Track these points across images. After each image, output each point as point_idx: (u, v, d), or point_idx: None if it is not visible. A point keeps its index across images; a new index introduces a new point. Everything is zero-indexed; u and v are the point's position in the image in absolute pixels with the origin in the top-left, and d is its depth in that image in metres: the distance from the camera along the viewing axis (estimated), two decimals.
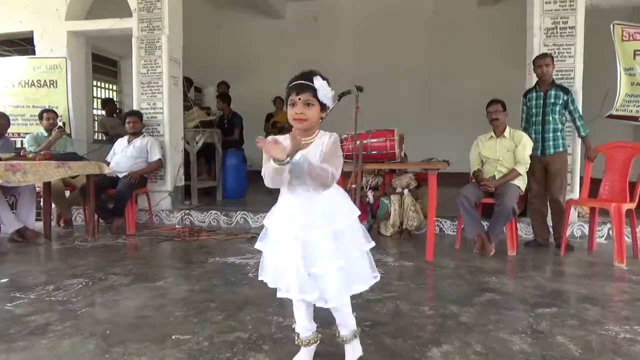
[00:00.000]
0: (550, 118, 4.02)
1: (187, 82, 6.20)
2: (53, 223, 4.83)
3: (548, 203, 4.09)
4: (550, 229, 4.14)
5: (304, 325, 1.81)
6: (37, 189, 4.68)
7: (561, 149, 4.04)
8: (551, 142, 4.01)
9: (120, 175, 4.91)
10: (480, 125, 4.38)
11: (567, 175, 4.20)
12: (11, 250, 4.03)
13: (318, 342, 1.85)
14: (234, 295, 2.71)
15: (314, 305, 1.75)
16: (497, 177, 3.92)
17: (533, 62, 4.21)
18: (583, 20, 4.62)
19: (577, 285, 2.95)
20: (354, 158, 3.69)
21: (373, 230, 4.69)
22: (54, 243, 4.31)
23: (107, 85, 7.99)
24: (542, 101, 4.06)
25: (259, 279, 1.78)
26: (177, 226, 5.16)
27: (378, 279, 1.77)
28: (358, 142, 3.68)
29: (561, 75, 4.60)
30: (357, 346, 1.85)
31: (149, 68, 5.47)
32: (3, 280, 3.02)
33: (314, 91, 1.63)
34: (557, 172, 3.99)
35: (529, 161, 3.94)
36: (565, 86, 4.19)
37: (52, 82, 5.58)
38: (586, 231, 4.32)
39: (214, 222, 5.24)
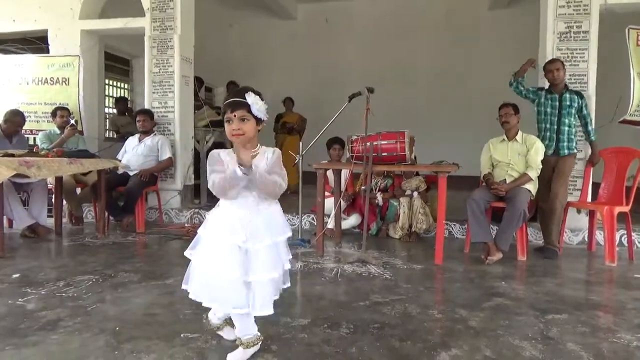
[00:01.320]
0: (566, 120, 4.05)
1: (198, 81, 6.24)
2: (64, 220, 4.87)
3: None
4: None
5: (213, 323, 1.99)
6: (49, 185, 4.73)
7: (574, 151, 4.11)
8: (565, 144, 4.04)
9: (131, 173, 4.94)
10: (492, 129, 4.35)
11: (569, 179, 4.20)
12: (23, 245, 4.08)
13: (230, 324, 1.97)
14: None
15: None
16: (507, 181, 3.90)
17: (543, 68, 4.21)
18: (597, 24, 4.57)
19: (587, 292, 2.92)
20: (363, 160, 3.69)
21: (382, 233, 4.68)
22: (65, 239, 4.35)
23: (119, 84, 8.05)
24: (557, 103, 4.07)
25: (182, 287, 1.85)
26: (186, 225, 5.18)
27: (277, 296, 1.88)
28: (368, 143, 3.67)
29: (574, 79, 4.56)
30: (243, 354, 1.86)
31: (161, 67, 5.50)
32: (15, 276, 3.05)
33: (247, 107, 1.73)
34: (562, 173, 3.99)
35: (541, 166, 3.91)
36: (579, 91, 4.21)
37: (64, 79, 5.63)
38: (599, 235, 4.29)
39: None
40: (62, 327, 2.17)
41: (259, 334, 1.89)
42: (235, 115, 1.72)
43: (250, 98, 1.72)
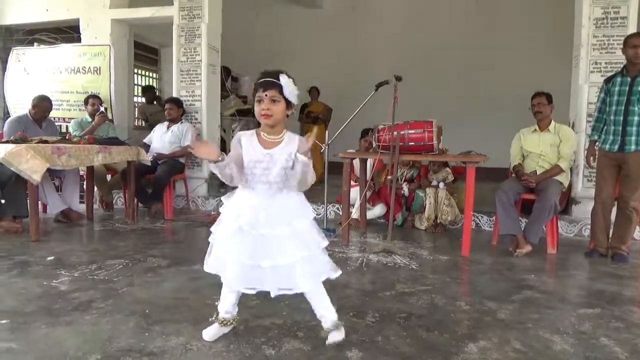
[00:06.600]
0: (636, 109, 3.37)
1: (225, 71, 6.26)
2: (95, 205, 5.00)
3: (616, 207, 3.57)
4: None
5: (226, 309, 1.93)
6: (80, 172, 4.85)
7: None
8: (633, 137, 3.38)
9: (159, 161, 5.02)
10: (522, 119, 4.25)
11: None
12: (56, 230, 4.20)
13: (234, 325, 1.97)
14: None
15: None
16: (538, 173, 3.79)
17: (625, 41, 3.50)
18: (636, 10, 4.38)
19: (621, 286, 2.83)
20: (390, 149, 3.65)
21: (407, 223, 4.64)
22: (96, 225, 4.46)
23: (148, 73, 8.17)
24: (627, 88, 3.41)
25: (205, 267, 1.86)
26: (212, 212, 5.24)
27: (339, 273, 1.87)
28: (395, 132, 3.63)
29: (610, 67, 4.39)
30: (338, 334, 1.87)
31: (189, 56, 5.55)
32: (49, 258, 3.15)
33: (280, 88, 1.71)
34: (636, 173, 3.39)
35: (573, 157, 3.78)
36: None
37: (96, 69, 5.76)
38: None
39: None
40: (94, 309, 2.24)
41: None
42: (266, 95, 1.71)
43: (284, 79, 1.71)
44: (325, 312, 1.88)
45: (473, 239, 3.65)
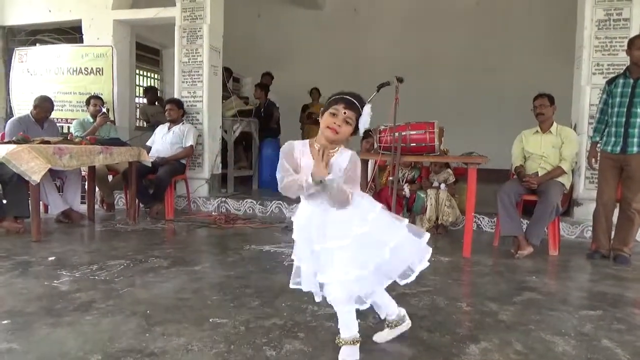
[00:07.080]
0: (638, 110, 3.39)
1: (227, 72, 6.27)
2: (96, 206, 5.00)
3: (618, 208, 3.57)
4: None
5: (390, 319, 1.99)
6: (82, 172, 4.86)
7: None
8: (636, 139, 3.39)
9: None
10: (523, 120, 4.24)
11: None
12: (58, 230, 4.21)
13: (402, 322, 2.00)
14: (270, 283, 2.73)
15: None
16: (540, 174, 3.79)
17: (630, 42, 3.50)
18: (639, 11, 4.38)
19: (623, 288, 2.82)
20: (392, 150, 3.64)
21: None
22: (97, 225, 4.47)
23: (149, 74, 8.18)
24: (630, 90, 3.43)
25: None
26: (213, 213, 5.25)
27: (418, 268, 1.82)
28: (396, 134, 3.63)
29: (613, 69, 4.39)
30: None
31: (190, 57, 5.56)
32: (50, 259, 3.15)
33: (358, 113, 1.71)
34: (638, 175, 3.39)
35: (576, 159, 3.77)
36: None
37: (98, 69, 5.76)
38: None
39: (250, 210, 5.30)
40: (95, 309, 2.23)
41: (357, 336, 1.77)
42: (345, 113, 1.69)
43: (367, 110, 1.72)
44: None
45: (474, 240, 3.65)
